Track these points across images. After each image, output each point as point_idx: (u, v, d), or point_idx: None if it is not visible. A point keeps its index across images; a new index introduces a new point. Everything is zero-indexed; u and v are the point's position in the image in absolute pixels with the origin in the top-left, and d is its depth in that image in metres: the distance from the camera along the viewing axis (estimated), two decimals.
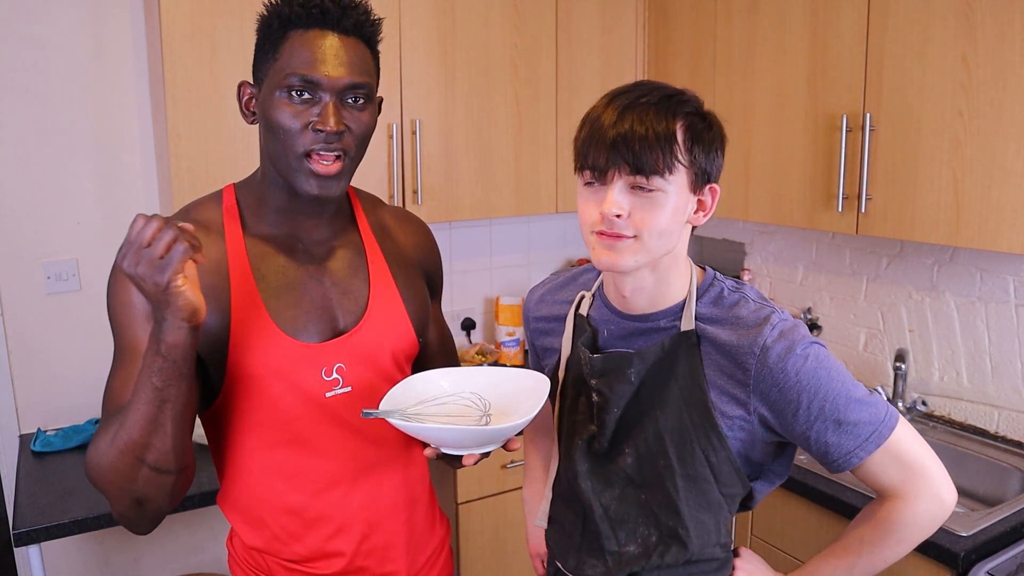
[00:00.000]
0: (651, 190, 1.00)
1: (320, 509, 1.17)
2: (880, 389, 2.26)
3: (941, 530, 1.67)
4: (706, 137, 1.04)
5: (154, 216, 0.91)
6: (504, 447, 1.09)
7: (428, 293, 1.29)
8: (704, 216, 1.08)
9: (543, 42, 2.50)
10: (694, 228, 1.12)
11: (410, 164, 2.32)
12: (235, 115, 2.06)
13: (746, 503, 1.19)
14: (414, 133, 2.30)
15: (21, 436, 2.23)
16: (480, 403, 1.12)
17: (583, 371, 1.15)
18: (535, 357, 1.32)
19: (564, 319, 1.23)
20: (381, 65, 1.17)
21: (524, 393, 1.12)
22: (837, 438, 1.04)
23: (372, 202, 1.30)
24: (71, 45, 2.18)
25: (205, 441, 1.23)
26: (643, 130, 0.99)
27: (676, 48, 2.56)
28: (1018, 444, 2.08)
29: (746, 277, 2.77)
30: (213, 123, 2.03)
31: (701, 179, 1.04)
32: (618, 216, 1.00)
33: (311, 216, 1.16)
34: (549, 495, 1.26)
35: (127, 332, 1.06)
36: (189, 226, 0.93)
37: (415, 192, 2.33)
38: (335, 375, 1.14)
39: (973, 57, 1.77)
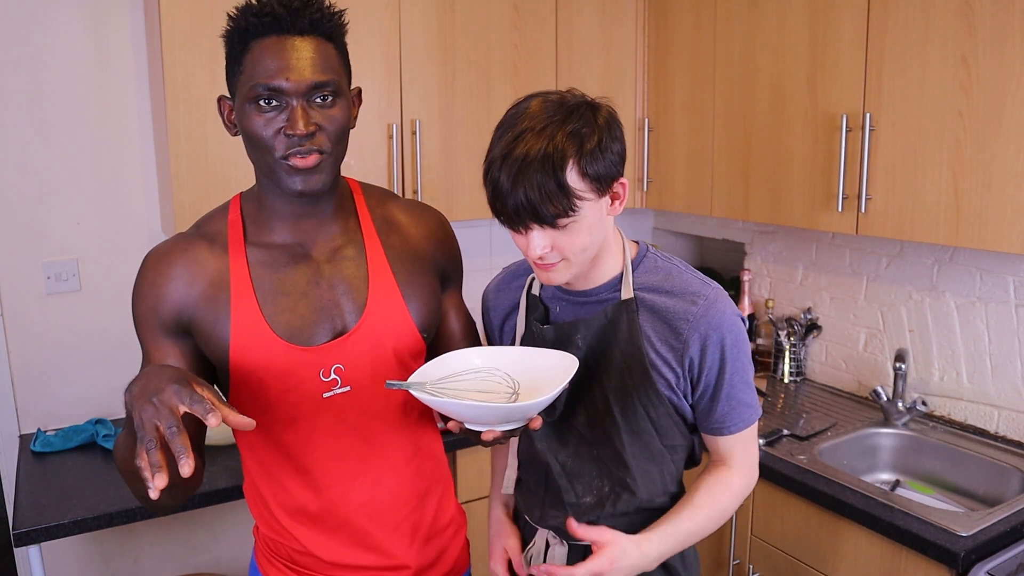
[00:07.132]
0: (564, 226, 1.09)
1: (322, 506, 1.22)
2: (881, 389, 2.26)
3: (941, 530, 1.67)
4: (598, 153, 1.08)
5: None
6: (528, 425, 1.10)
7: (439, 286, 1.30)
8: (620, 204, 1.16)
9: (543, 42, 2.49)
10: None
11: (410, 164, 2.32)
12: None
13: (693, 458, 1.32)
14: (414, 133, 2.30)
15: (21, 436, 2.24)
16: (509, 381, 1.14)
17: (537, 344, 1.25)
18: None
19: (518, 303, 1.33)
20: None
21: (553, 372, 1.14)
22: (723, 408, 1.21)
23: (380, 198, 1.30)
24: (71, 46, 2.18)
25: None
26: (535, 195, 1.06)
27: (676, 48, 2.56)
28: (1018, 444, 2.07)
29: (746, 277, 2.77)
30: (213, 123, 2.03)
31: (606, 184, 1.11)
32: (542, 256, 1.12)
33: (309, 218, 1.18)
34: (514, 463, 1.39)
35: (146, 343, 1.16)
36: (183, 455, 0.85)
37: (415, 192, 2.33)
38: (333, 375, 1.17)
39: (973, 57, 1.76)
